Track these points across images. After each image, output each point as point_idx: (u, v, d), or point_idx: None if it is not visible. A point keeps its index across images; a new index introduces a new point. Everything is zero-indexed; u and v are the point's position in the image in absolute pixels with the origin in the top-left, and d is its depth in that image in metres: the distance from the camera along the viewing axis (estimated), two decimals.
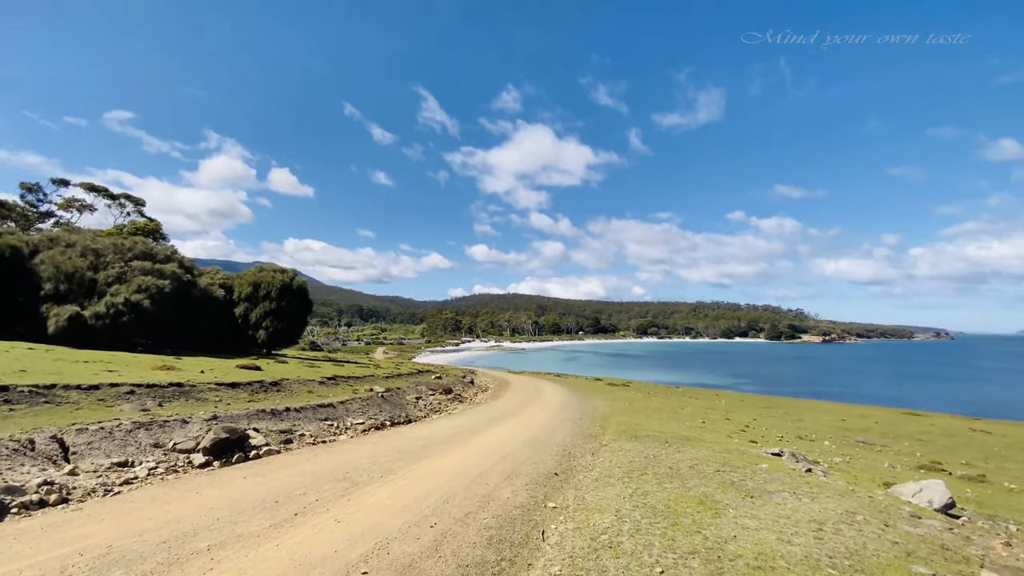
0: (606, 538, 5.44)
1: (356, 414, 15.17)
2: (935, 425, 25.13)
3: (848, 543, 5.20)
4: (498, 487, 7.91)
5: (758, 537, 5.28)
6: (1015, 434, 23.48)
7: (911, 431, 21.96)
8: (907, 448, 16.86)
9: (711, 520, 5.86)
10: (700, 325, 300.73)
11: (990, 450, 17.89)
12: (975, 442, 19.89)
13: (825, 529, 5.61)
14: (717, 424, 18.13)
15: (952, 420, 29.76)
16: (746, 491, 7.20)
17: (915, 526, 6.03)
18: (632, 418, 17.04)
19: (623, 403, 23.18)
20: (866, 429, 21.64)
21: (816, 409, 30.81)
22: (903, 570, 4.58)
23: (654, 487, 7.47)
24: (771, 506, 6.46)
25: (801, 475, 8.66)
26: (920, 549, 5.17)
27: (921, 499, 7.39)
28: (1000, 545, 5.81)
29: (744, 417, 22.27)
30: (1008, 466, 14.90)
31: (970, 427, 25.49)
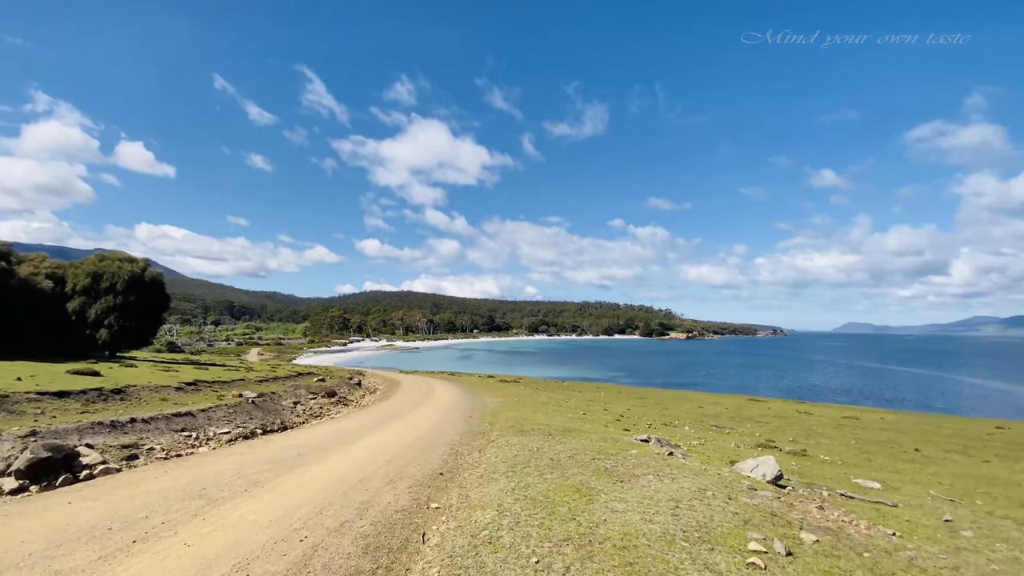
0: (486, 534, 5.48)
1: (221, 423, 13.64)
2: (771, 409, 29.48)
3: (699, 517, 5.83)
4: (380, 492, 7.60)
5: (625, 519, 5.70)
6: (829, 414, 28.42)
7: (753, 415, 25.49)
8: (749, 429, 19.54)
9: (585, 506, 6.21)
10: (585, 323, 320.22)
11: (811, 428, 21.41)
12: (800, 422, 23.67)
13: (681, 506, 6.23)
14: (596, 415, 19.36)
15: (784, 404, 35.16)
16: (617, 476, 7.76)
17: (752, 497, 6.97)
18: (520, 413, 17.52)
19: (513, 399, 23.76)
20: (718, 414, 24.66)
21: (679, 398, 34.42)
22: (740, 536, 5.24)
23: (536, 479, 7.72)
24: (637, 489, 7.02)
25: (664, 458, 9.56)
26: (755, 517, 5.97)
27: (757, 473, 8.57)
28: (815, 509, 6.93)
29: (620, 408, 24.09)
30: (823, 441, 17.95)
31: (797, 409, 30.31)
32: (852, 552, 5.15)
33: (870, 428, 22.39)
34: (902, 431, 21.86)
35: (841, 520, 6.45)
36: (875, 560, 4.99)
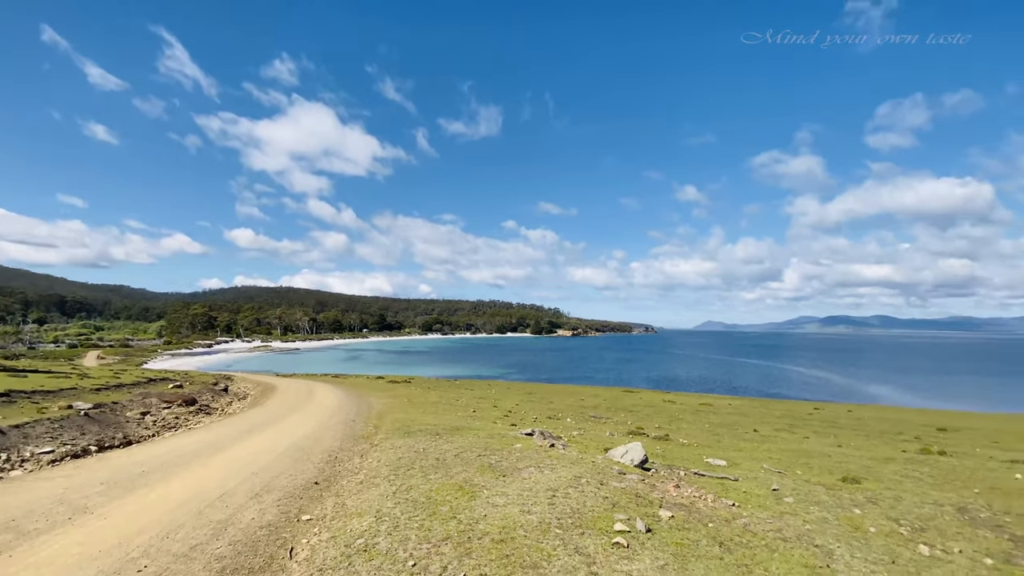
0: (362, 542, 5.23)
1: (41, 440, 11.41)
2: (642, 399, 32.35)
3: (573, 504, 6.15)
4: (242, 508, 6.89)
5: (505, 512, 5.82)
6: (688, 402, 31.94)
7: (626, 405, 27.75)
8: (622, 419, 21.25)
9: (467, 504, 6.22)
10: (479, 321, 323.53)
11: (674, 415, 23.88)
12: (665, 410, 26.28)
13: (557, 495, 6.53)
14: (486, 412, 19.62)
15: (653, 394, 38.82)
16: (501, 471, 7.90)
17: (620, 481, 7.54)
18: (408, 414, 17.11)
19: (402, 400, 23.13)
20: (596, 406, 26.45)
21: (564, 392, 36.29)
22: (608, 519, 5.64)
23: (419, 480, 7.57)
24: (519, 482, 7.22)
25: (546, 450, 9.97)
26: (622, 500, 6.46)
27: (626, 458, 9.30)
28: (673, 488, 7.70)
29: (509, 403, 24.69)
30: (683, 426, 20.11)
31: (663, 399, 33.61)
32: (700, 524, 5.81)
33: (721, 413, 25.59)
34: (744, 414, 25.32)
35: (693, 496, 7.24)
36: (717, 528, 5.69)
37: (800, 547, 5.26)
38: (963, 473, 11.34)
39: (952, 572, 5.00)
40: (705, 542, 5.19)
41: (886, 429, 21.89)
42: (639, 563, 4.58)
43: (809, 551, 5.16)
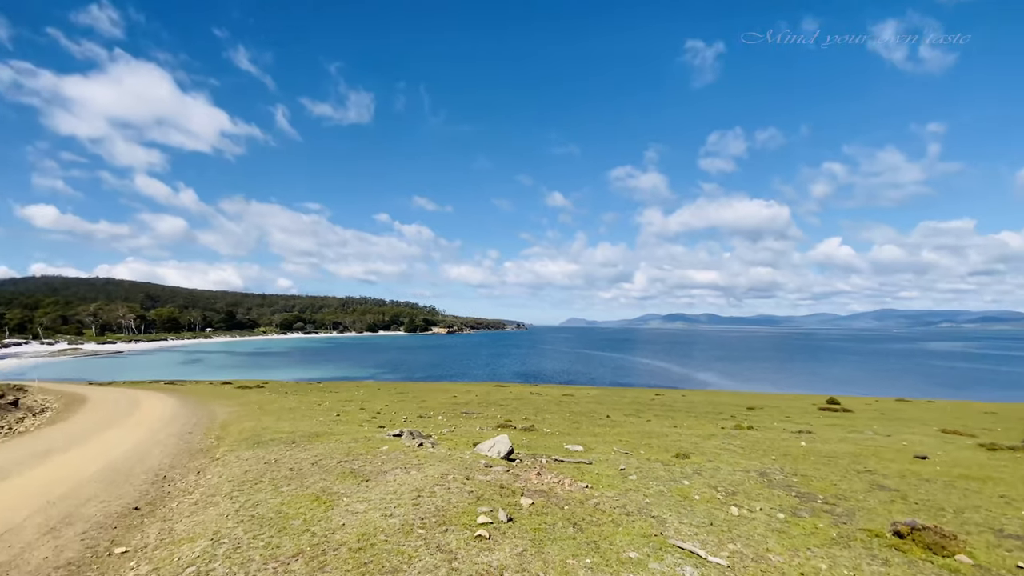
0: (193, 570, 4.58)
1: None
2: (512, 392, 33.58)
3: (438, 502, 6.11)
4: (31, 547, 5.60)
5: (365, 519, 5.56)
6: (553, 393, 33.96)
7: (497, 399, 28.57)
8: (493, 413, 21.83)
9: (323, 514, 5.81)
10: (348, 319, 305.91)
11: (539, 407, 25.20)
12: (532, 402, 27.60)
13: (423, 495, 6.43)
14: (352, 415, 18.62)
15: (522, 387, 40.52)
16: (364, 476, 7.54)
17: (487, 474, 7.70)
18: (259, 422, 15.50)
19: (252, 407, 20.88)
20: (469, 402, 26.80)
21: (437, 390, 36.10)
22: (472, 513, 5.71)
23: (268, 495, 6.88)
24: (383, 485, 6.96)
25: (414, 450, 9.78)
26: (487, 492, 6.60)
27: (493, 451, 9.54)
28: (534, 476, 8.07)
29: (378, 405, 23.76)
30: (548, 416, 21.32)
31: (530, 391, 35.27)
32: (557, 507, 6.19)
33: (580, 402, 27.68)
34: (600, 402, 27.72)
35: (552, 482, 7.69)
36: (572, 510, 6.11)
37: (640, 519, 5.90)
38: (764, 443, 13.76)
39: (754, 527, 6.02)
40: (561, 524, 5.54)
41: (710, 410, 25.66)
42: (499, 552, 4.71)
43: (647, 522, 5.81)
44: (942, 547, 5.30)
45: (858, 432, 17.62)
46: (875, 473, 9.90)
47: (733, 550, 5.08)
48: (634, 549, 4.93)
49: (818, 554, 5.18)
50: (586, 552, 4.84)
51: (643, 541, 5.17)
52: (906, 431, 18.74)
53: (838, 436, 16.08)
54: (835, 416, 24.74)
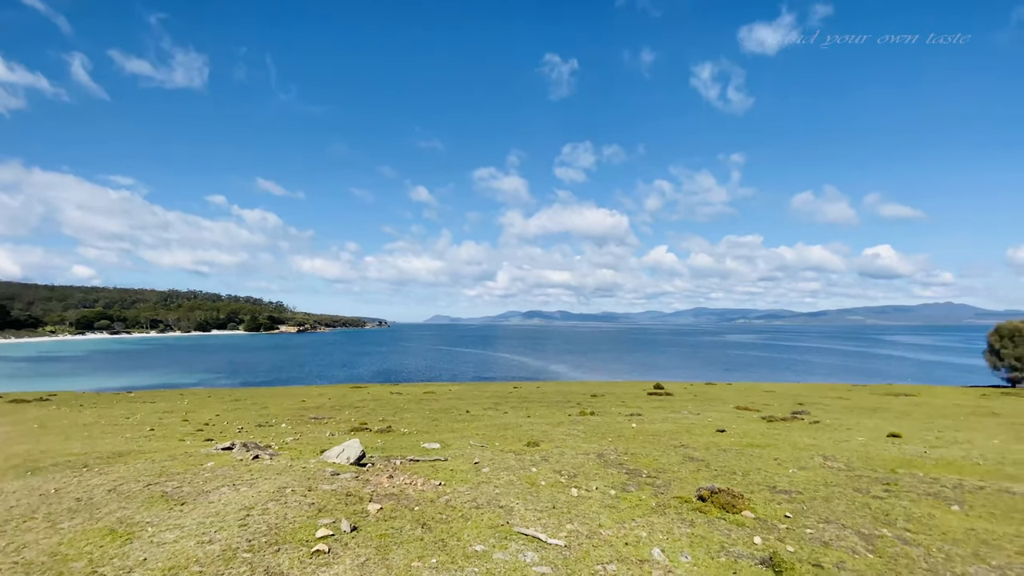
0: None
1: None
2: (370, 393, 32.15)
3: (271, 519, 5.50)
4: None
5: (175, 549, 4.75)
6: (414, 392, 33.36)
7: (353, 401, 27.09)
8: (347, 416, 20.61)
9: (118, 550, 4.82)
10: (172, 317, 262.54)
11: (399, 406, 24.51)
12: (391, 402, 26.74)
13: (252, 514, 5.73)
14: (171, 429, 15.99)
15: (381, 388, 39.05)
16: (179, 499, 6.47)
17: (332, 483, 7.18)
18: (38, 444, 12.44)
19: (28, 425, 16.70)
20: (320, 406, 24.94)
21: (283, 395, 32.91)
22: (311, 527, 5.25)
23: (42, 534, 5.50)
24: (203, 507, 6.05)
25: (247, 464, 8.71)
26: (330, 503, 6.14)
27: (343, 457, 8.96)
28: (386, 479, 7.77)
29: (207, 414, 20.80)
30: (407, 416, 20.83)
31: (390, 391, 34.17)
32: (407, 509, 6.02)
33: (441, 399, 27.64)
34: (461, 398, 28.03)
35: (404, 483, 7.49)
36: (423, 510, 6.00)
37: (489, 511, 6.04)
38: (603, 427, 15.21)
39: (590, 505, 6.57)
40: (409, 527, 5.39)
41: (560, 399, 27.64)
42: (339, 566, 4.40)
43: (495, 512, 5.97)
44: (733, 506, 6.37)
45: (676, 412, 20.52)
46: (687, 447, 11.60)
47: (571, 530, 5.48)
48: (481, 542, 5.01)
49: (640, 523, 5.85)
50: (433, 552, 4.78)
51: (490, 532, 5.29)
52: (711, 410, 22.38)
53: (661, 417, 18.53)
54: (660, 399, 28.51)
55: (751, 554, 5.08)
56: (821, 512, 6.63)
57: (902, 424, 17.41)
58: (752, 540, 5.45)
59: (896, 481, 8.48)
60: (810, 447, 11.86)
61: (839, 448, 11.82)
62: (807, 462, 10.01)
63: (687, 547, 5.19)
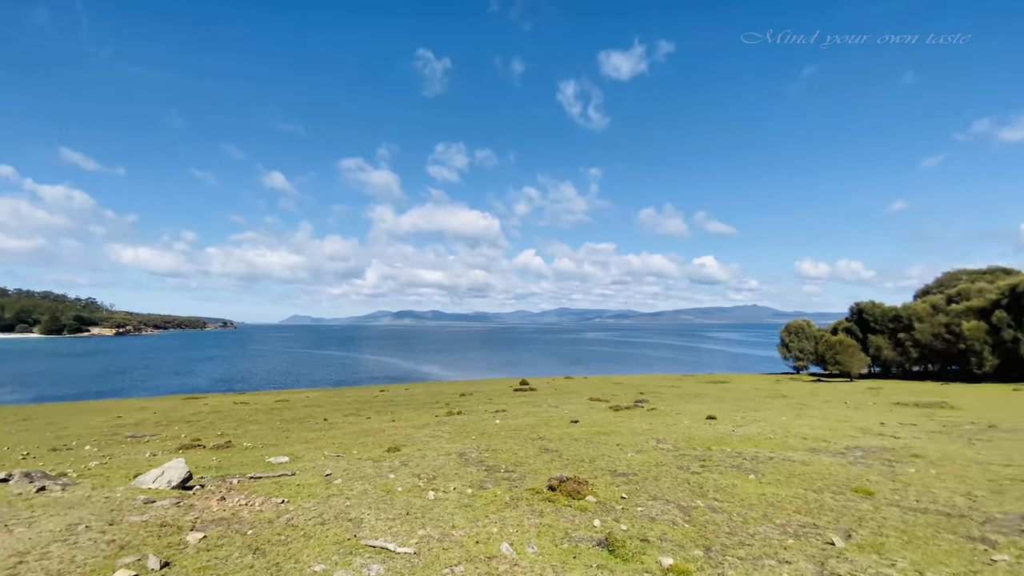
0: None
1: None
2: (208, 404, 28.27)
3: (52, 566, 4.47)
4: None
5: None
6: (264, 401, 30.19)
7: (185, 414, 23.54)
8: (176, 432, 17.82)
9: None
10: None
11: (243, 418, 21.92)
12: (234, 413, 23.83)
13: (28, 559, 4.61)
14: None
15: (222, 397, 34.63)
16: None
17: (144, 513, 6.10)
18: None
19: None
20: (140, 422, 21.23)
21: (92, 411, 27.32)
22: (108, 568, 4.38)
23: None
24: None
25: (27, 499, 7.02)
26: (137, 537, 5.20)
27: (162, 481, 7.69)
28: (216, 502, 6.84)
29: None
30: (252, 428, 18.70)
31: (234, 401, 30.48)
32: (238, 534, 5.35)
33: (296, 407, 25.44)
34: (319, 405, 26.13)
35: (239, 505, 6.67)
36: (257, 534, 5.39)
37: (336, 525, 5.65)
38: (469, 426, 15.37)
39: (446, 507, 6.54)
40: (238, 554, 4.79)
41: (429, 400, 27.33)
42: None
43: (343, 526, 5.61)
44: (578, 492, 6.86)
45: (538, 407, 21.64)
46: (544, 439, 12.26)
47: (422, 535, 5.38)
48: (322, 560, 4.65)
49: (493, 520, 5.98)
50: None
51: (334, 549, 4.94)
52: (568, 402, 24.05)
53: (524, 411, 19.37)
54: (524, 395, 29.83)
55: (591, 537, 5.51)
56: (651, 490, 7.48)
57: (717, 407, 20.57)
58: (592, 523, 5.92)
59: (710, 457, 9.95)
60: (646, 432, 13.36)
61: (669, 431, 13.52)
62: (643, 445, 11.25)
63: (535, 537, 5.44)
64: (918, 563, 4.85)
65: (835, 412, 18.88)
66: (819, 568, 4.71)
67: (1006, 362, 37.32)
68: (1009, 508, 6.63)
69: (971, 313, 40.47)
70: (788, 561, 4.86)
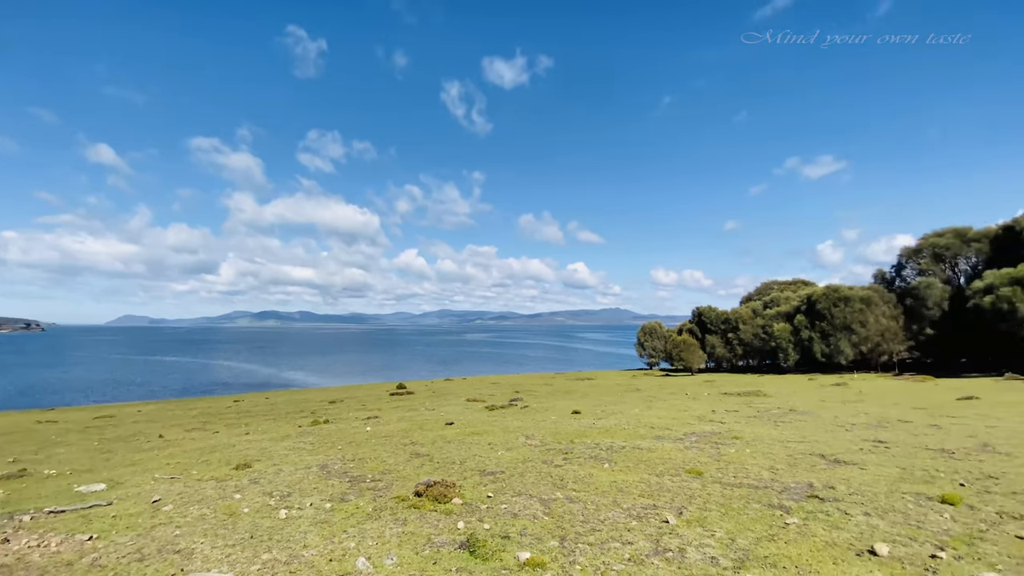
0: None
1: None
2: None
3: None
4: None
5: None
6: (79, 418, 25.19)
7: None
8: None
9: None
10: None
11: (48, 439, 18.01)
12: (37, 434, 19.50)
13: None
14: None
15: (22, 415, 28.19)
16: None
17: None
18: None
19: None
20: None
21: None
22: None
23: None
24: None
25: None
26: None
27: None
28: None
29: None
30: (59, 451, 15.43)
31: (37, 420, 24.98)
32: None
33: (124, 424, 21.66)
34: (154, 420, 22.57)
35: (28, 546, 5.44)
36: None
37: (158, 560, 4.87)
38: (336, 435, 14.46)
39: (299, 526, 6.03)
40: None
41: (292, 410, 25.18)
42: None
43: (166, 560, 4.85)
44: (445, 495, 6.82)
45: (414, 410, 21.19)
46: (416, 443, 12.01)
47: (267, 560, 4.88)
48: None
49: (352, 534, 5.66)
50: None
51: None
52: (446, 404, 23.95)
53: (398, 416, 18.80)
54: (401, 399, 29.01)
55: (453, 540, 5.49)
56: (516, 487, 7.73)
57: (583, 403, 22.10)
58: (456, 526, 5.91)
59: (572, 450, 10.61)
60: (518, 429, 13.83)
61: (538, 427, 14.16)
62: (513, 443, 11.62)
63: (395, 548, 5.27)
64: (731, 531, 5.67)
65: (678, 403, 21.43)
66: (655, 545, 5.26)
67: (803, 357, 45.82)
68: (800, 478, 8.09)
69: (780, 317, 48.98)
70: (630, 542, 5.35)
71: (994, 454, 9.52)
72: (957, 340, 38.08)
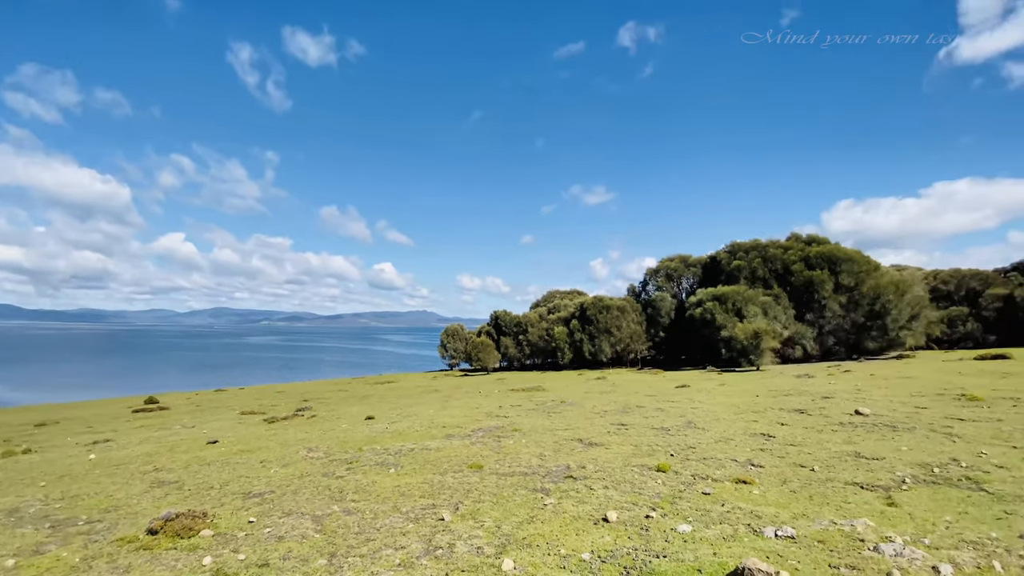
0: None
1: None
2: None
3: None
4: None
5: None
6: None
7: None
8: None
9: None
10: None
11: None
12: None
13: None
14: None
15: None
16: None
17: None
18: None
19: None
20: None
21: None
22: None
23: None
24: None
25: None
26: None
27: None
28: None
29: None
30: None
31: None
32: None
33: None
34: None
35: None
36: None
37: None
38: (41, 467, 11.03)
39: None
40: None
41: None
42: None
43: None
44: (190, 529, 5.77)
45: (166, 429, 17.55)
46: (161, 470, 9.95)
47: None
48: None
49: None
50: None
51: None
52: (212, 419, 20.49)
53: (141, 438, 15.32)
54: (149, 416, 23.74)
55: None
56: (287, 506, 7.03)
57: (379, 407, 21.49)
58: (202, 563, 5.06)
59: (359, 458, 10.17)
60: (299, 442, 12.65)
61: (324, 437, 13.19)
62: (291, 457, 10.56)
63: None
64: (499, 519, 6.16)
65: (472, 401, 22.56)
66: (427, 545, 5.37)
67: (576, 355, 53.31)
68: (561, 461, 9.28)
69: (560, 321, 56.09)
70: (403, 547, 5.35)
71: (695, 429, 12.48)
72: (680, 342, 49.28)
